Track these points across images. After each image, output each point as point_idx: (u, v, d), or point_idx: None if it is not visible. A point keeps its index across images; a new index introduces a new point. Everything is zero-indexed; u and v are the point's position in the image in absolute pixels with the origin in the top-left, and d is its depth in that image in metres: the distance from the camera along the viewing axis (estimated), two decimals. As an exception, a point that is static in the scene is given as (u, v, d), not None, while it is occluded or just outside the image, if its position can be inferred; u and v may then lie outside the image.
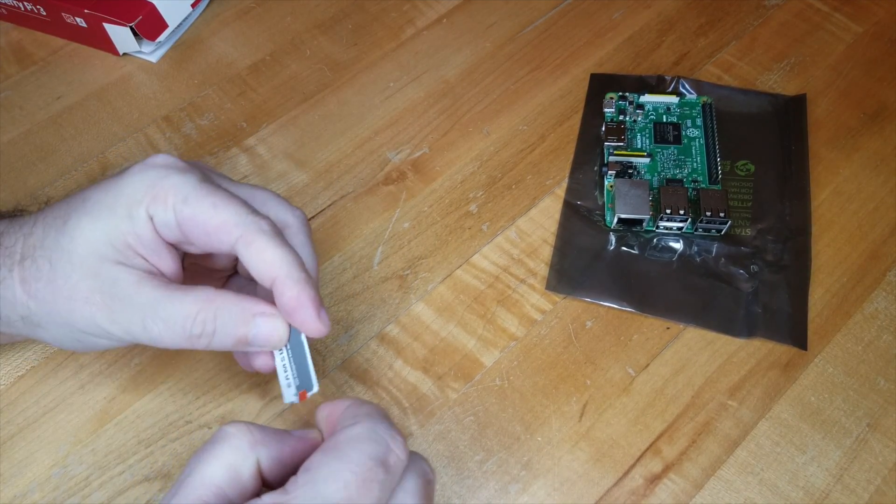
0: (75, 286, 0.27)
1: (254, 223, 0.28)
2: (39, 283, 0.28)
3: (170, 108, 0.45)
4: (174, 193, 0.27)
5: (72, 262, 0.27)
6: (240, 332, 0.28)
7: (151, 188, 0.28)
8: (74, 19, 0.46)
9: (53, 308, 0.28)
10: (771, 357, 0.37)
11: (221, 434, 0.25)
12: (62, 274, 0.27)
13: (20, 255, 0.28)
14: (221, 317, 0.27)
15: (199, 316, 0.27)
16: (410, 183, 0.42)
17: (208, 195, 0.28)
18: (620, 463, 0.34)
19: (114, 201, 0.28)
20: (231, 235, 0.27)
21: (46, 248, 0.28)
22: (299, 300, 0.27)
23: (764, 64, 0.47)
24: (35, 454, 0.34)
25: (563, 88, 0.46)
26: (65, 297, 0.27)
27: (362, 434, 0.24)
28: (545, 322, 0.38)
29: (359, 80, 0.46)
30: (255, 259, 0.27)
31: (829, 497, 0.33)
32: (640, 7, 0.50)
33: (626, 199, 0.39)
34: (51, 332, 0.29)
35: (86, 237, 0.27)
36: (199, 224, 0.28)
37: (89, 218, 0.28)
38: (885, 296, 0.39)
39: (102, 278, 0.27)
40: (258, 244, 0.27)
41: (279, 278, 0.27)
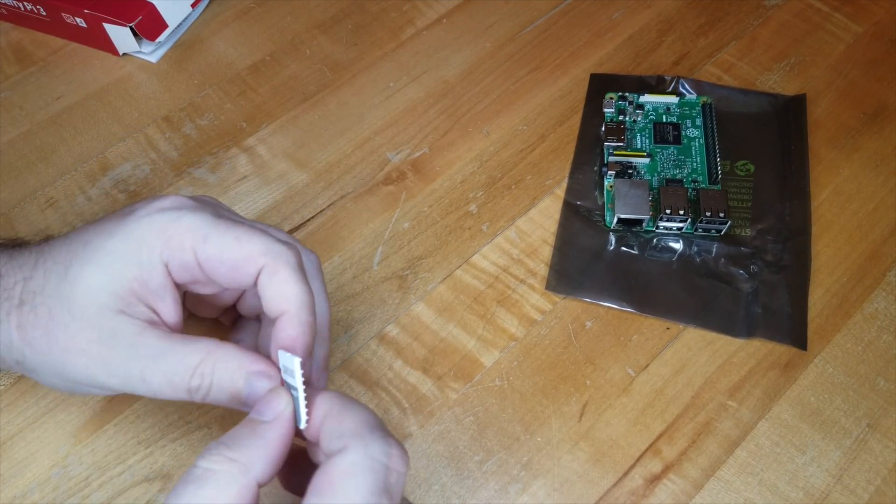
0: (73, 337, 0.26)
1: (282, 253, 0.27)
2: (36, 332, 0.27)
3: (170, 109, 0.45)
4: (191, 234, 0.27)
5: (71, 311, 0.26)
6: (234, 387, 0.26)
7: (164, 232, 0.27)
8: (74, 19, 0.46)
9: (49, 358, 0.27)
10: (771, 357, 0.37)
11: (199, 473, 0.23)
12: (60, 323, 0.27)
13: (19, 299, 0.27)
14: (219, 370, 0.26)
15: (199, 368, 0.26)
16: (410, 183, 0.42)
17: (228, 230, 0.27)
18: (620, 463, 0.34)
19: (119, 247, 0.27)
20: (257, 265, 0.27)
21: (46, 296, 0.27)
22: (294, 342, 0.27)
23: (764, 64, 0.47)
24: (35, 454, 0.34)
25: (563, 88, 0.46)
26: (61, 347, 0.27)
27: (357, 465, 0.23)
28: (545, 322, 0.38)
29: (359, 80, 0.46)
30: (274, 290, 0.27)
31: (828, 497, 0.33)
32: (640, 7, 0.50)
33: (625, 199, 0.39)
34: (45, 378, 0.28)
35: (87, 285, 0.27)
36: (224, 260, 0.27)
37: (91, 266, 0.27)
38: (885, 296, 0.39)
39: (101, 329, 0.26)
40: (283, 275, 0.27)
41: (287, 315, 0.27)
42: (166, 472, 0.33)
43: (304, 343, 0.27)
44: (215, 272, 0.27)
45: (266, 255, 0.27)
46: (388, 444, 0.23)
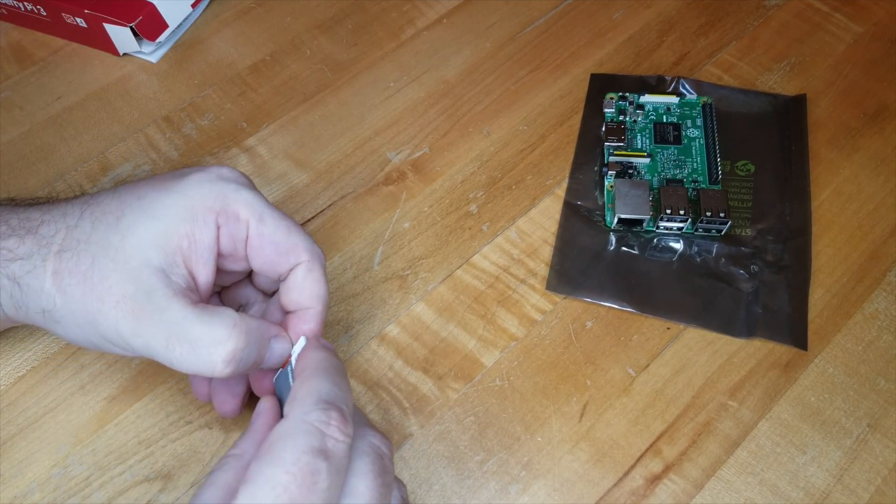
0: (110, 288, 0.27)
1: (319, 255, 0.30)
2: (74, 279, 0.27)
3: (170, 109, 0.45)
4: (248, 209, 0.29)
5: (115, 260, 0.27)
6: (260, 355, 0.28)
7: (222, 198, 0.28)
8: (74, 19, 0.46)
9: (81, 307, 0.27)
10: (771, 357, 0.37)
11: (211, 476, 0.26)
12: (100, 272, 0.27)
13: (59, 246, 0.28)
14: (250, 344, 0.27)
15: (228, 343, 0.27)
16: (410, 183, 0.42)
17: (282, 218, 0.30)
18: (620, 463, 0.34)
19: (178, 203, 0.28)
20: (299, 259, 0.29)
21: (92, 244, 0.27)
22: (313, 332, 0.30)
23: (764, 64, 0.47)
24: (35, 454, 0.34)
25: (563, 88, 0.46)
26: (96, 297, 0.27)
27: (291, 428, 0.24)
28: (545, 322, 0.38)
29: (359, 80, 0.46)
30: (307, 286, 0.30)
31: (829, 497, 0.33)
32: (640, 7, 0.50)
33: (626, 199, 0.39)
34: (69, 329, 0.28)
35: (139, 236, 0.27)
36: (274, 243, 0.29)
37: (146, 217, 0.28)
38: (886, 296, 0.39)
39: (139, 284, 0.27)
40: (316, 274, 0.30)
41: (313, 311, 0.30)
42: (167, 472, 0.33)
43: (318, 335, 0.30)
44: (259, 252, 0.29)
45: (308, 252, 0.30)
46: (328, 415, 0.24)
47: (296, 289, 0.30)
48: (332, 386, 0.25)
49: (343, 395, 0.25)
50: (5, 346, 0.36)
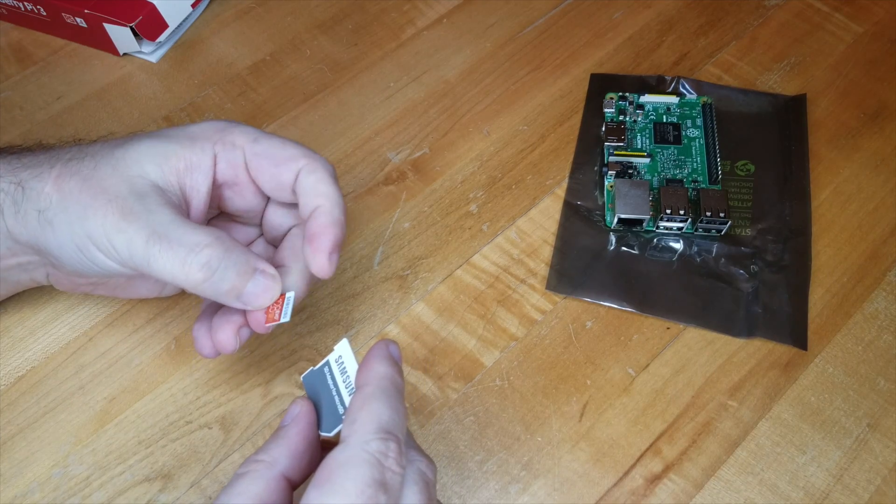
0: (106, 187, 0.28)
1: (320, 159, 0.31)
2: (73, 179, 0.28)
3: (170, 108, 0.45)
4: (243, 136, 0.30)
5: (116, 167, 0.28)
6: (239, 279, 0.28)
7: (221, 132, 0.30)
8: (74, 19, 0.46)
9: (74, 204, 0.28)
10: (771, 357, 0.37)
11: (233, 479, 0.25)
12: (100, 175, 0.28)
13: (68, 156, 0.29)
14: (228, 258, 0.28)
15: (207, 248, 0.27)
16: (410, 183, 0.42)
17: (275, 137, 0.31)
18: (620, 463, 0.34)
19: (180, 132, 0.30)
20: (298, 164, 0.30)
21: (97, 155, 0.29)
22: (325, 230, 0.29)
23: (764, 64, 0.47)
24: (35, 454, 0.34)
25: (563, 88, 0.46)
26: (91, 194, 0.28)
27: (352, 458, 0.23)
28: (545, 322, 0.38)
29: (359, 80, 0.46)
30: (312, 186, 0.30)
31: (829, 497, 0.33)
32: (640, 7, 0.50)
33: (626, 199, 0.39)
34: (58, 233, 0.28)
35: (140, 150, 0.29)
36: (270, 156, 0.30)
37: (150, 137, 0.30)
38: (885, 296, 0.39)
39: (133, 188, 0.28)
40: (320, 174, 0.30)
41: (322, 207, 0.30)
42: (167, 472, 0.33)
43: (334, 234, 0.29)
44: (260, 168, 0.30)
45: (306, 157, 0.30)
46: (386, 445, 0.24)
47: (302, 193, 0.30)
48: (393, 413, 0.25)
49: (401, 423, 0.25)
50: (5, 346, 0.36)
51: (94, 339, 0.37)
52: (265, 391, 0.36)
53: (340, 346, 0.29)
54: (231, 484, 0.25)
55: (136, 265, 0.28)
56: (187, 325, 0.37)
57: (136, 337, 0.37)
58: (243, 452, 0.34)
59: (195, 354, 0.36)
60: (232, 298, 0.28)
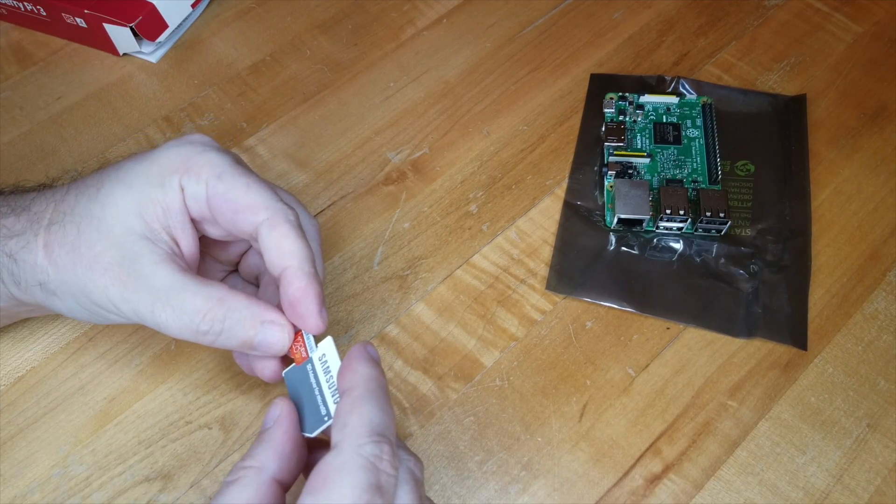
0: (98, 256, 0.28)
1: (282, 210, 0.29)
2: (63, 250, 0.28)
3: (170, 109, 0.45)
4: (209, 169, 0.29)
5: (99, 229, 0.28)
6: (247, 335, 0.28)
7: (186, 161, 0.29)
8: (74, 19, 0.46)
9: (71, 276, 0.28)
10: (771, 357, 0.37)
11: (223, 487, 0.25)
12: (87, 241, 0.28)
13: (48, 220, 0.29)
14: (231, 317, 0.28)
15: (209, 314, 0.27)
16: (410, 183, 0.42)
17: (242, 175, 0.29)
18: (620, 463, 0.34)
19: (147, 170, 0.29)
20: (258, 217, 0.28)
21: (76, 215, 0.28)
22: (305, 293, 0.28)
23: (764, 64, 0.47)
24: (35, 454, 0.34)
25: (563, 88, 0.46)
26: (85, 265, 0.28)
27: (347, 462, 0.23)
28: (545, 322, 0.38)
29: (359, 80, 0.46)
30: (275, 244, 0.28)
31: (829, 497, 0.33)
32: (640, 7, 0.50)
33: (626, 199, 0.39)
34: (65, 301, 0.29)
35: (117, 205, 0.28)
36: (229, 201, 0.28)
37: (122, 186, 0.28)
38: (885, 296, 0.39)
39: (125, 251, 0.28)
40: (282, 230, 0.28)
41: (291, 268, 0.28)
42: (166, 473, 0.33)
43: (314, 293, 0.28)
44: (219, 211, 0.29)
45: (268, 209, 0.28)
46: (379, 448, 0.24)
47: (266, 249, 0.28)
48: (382, 413, 0.25)
49: (390, 423, 0.25)
50: (5, 346, 0.36)
51: (94, 339, 0.37)
52: (265, 391, 0.36)
53: (324, 344, 0.29)
54: (221, 492, 0.25)
55: (149, 325, 0.28)
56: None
57: (136, 337, 0.37)
58: (243, 452, 0.34)
59: (195, 354, 0.36)
60: (247, 350, 0.29)
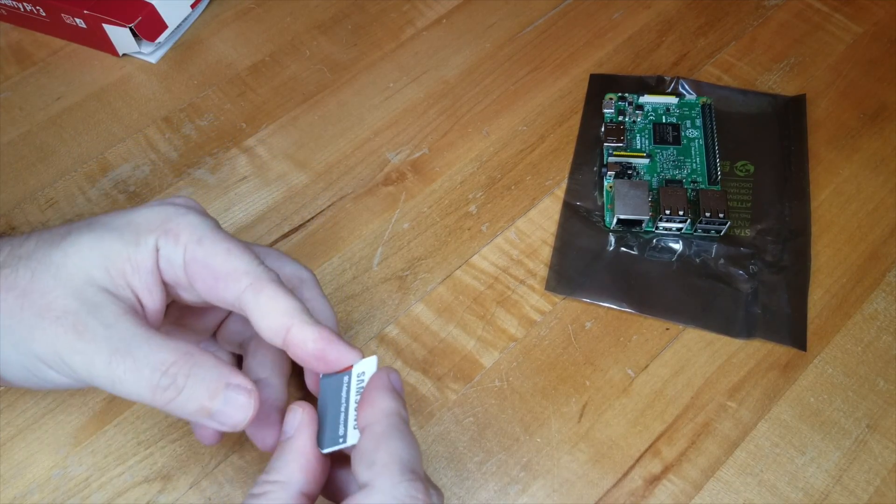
0: (51, 303, 0.25)
1: (264, 272, 0.27)
2: (11, 294, 0.26)
3: (169, 109, 0.45)
4: (189, 233, 0.27)
5: (56, 277, 0.26)
6: (208, 397, 0.25)
7: (166, 221, 0.27)
8: (74, 20, 0.46)
9: (17, 323, 0.25)
10: (770, 358, 0.37)
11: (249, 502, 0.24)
12: (40, 288, 0.25)
13: (0, 262, 0.26)
14: (196, 375, 0.25)
15: (173, 367, 0.25)
16: (410, 183, 0.42)
17: (223, 241, 0.27)
18: (620, 464, 0.34)
19: (122, 225, 0.27)
20: (240, 284, 0.26)
21: (33, 260, 0.26)
22: (327, 341, 0.26)
23: (764, 64, 0.47)
24: (35, 455, 0.34)
25: (562, 89, 0.46)
26: (35, 312, 0.25)
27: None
28: (545, 323, 0.38)
29: (359, 80, 0.46)
30: (267, 307, 0.26)
31: (828, 498, 0.33)
32: (639, 7, 0.50)
33: (625, 199, 0.39)
34: (2, 353, 0.26)
35: (82, 254, 0.26)
36: (209, 267, 0.27)
37: (91, 237, 0.27)
38: (885, 296, 0.39)
39: (83, 300, 0.25)
40: (269, 291, 0.26)
41: (295, 325, 0.26)
42: (166, 473, 0.33)
43: (332, 336, 0.26)
44: (198, 277, 0.27)
45: (248, 275, 0.27)
46: (415, 489, 0.23)
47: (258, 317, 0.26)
48: (410, 448, 0.24)
49: (419, 457, 0.24)
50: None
51: (93, 339, 0.37)
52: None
53: (368, 361, 0.27)
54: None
55: (97, 385, 0.25)
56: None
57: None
58: (242, 454, 0.34)
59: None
60: (203, 418, 0.25)
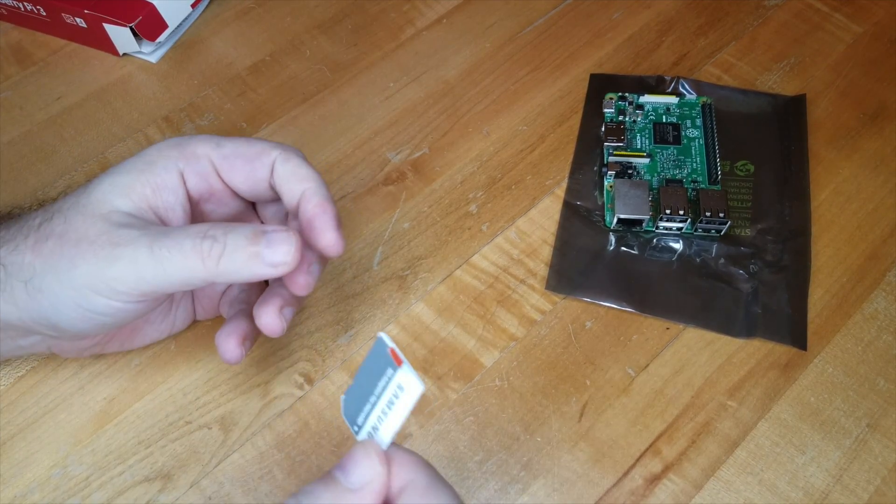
0: (85, 233, 0.27)
1: (291, 148, 0.31)
2: (49, 241, 0.28)
3: (170, 109, 0.45)
4: (205, 145, 0.30)
5: (84, 213, 0.28)
6: (252, 246, 0.27)
7: (179, 146, 0.30)
8: (74, 20, 0.46)
9: (59, 260, 0.27)
10: (770, 357, 0.37)
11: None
12: (73, 226, 0.28)
13: (38, 222, 0.29)
14: (233, 230, 0.27)
15: (210, 230, 0.27)
16: (410, 183, 0.42)
17: (237, 138, 0.31)
18: (620, 463, 0.34)
19: (137, 161, 0.30)
20: (271, 156, 0.30)
21: (65, 210, 0.29)
22: (323, 208, 0.29)
23: (764, 64, 0.47)
24: (35, 455, 0.34)
25: (562, 89, 0.46)
26: (72, 245, 0.27)
27: None
28: (545, 322, 0.38)
29: (359, 80, 0.46)
30: (291, 172, 0.30)
31: (828, 497, 0.33)
32: (639, 7, 0.50)
33: (625, 199, 0.39)
34: (51, 296, 0.28)
35: (103, 190, 0.29)
36: (239, 154, 0.30)
37: (111, 175, 0.29)
38: (885, 296, 0.39)
39: (112, 221, 0.28)
40: (296, 160, 0.30)
41: (309, 189, 0.30)
42: (166, 473, 0.33)
43: (331, 210, 0.30)
44: (233, 168, 0.30)
45: (276, 147, 0.30)
46: None
47: (283, 182, 0.30)
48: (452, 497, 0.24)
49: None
50: (5, 347, 0.36)
51: (93, 339, 0.37)
52: (265, 391, 0.36)
53: (413, 383, 0.24)
54: None
55: (147, 283, 0.27)
56: (189, 333, 0.37)
57: (136, 337, 0.37)
58: (243, 453, 0.34)
59: (195, 354, 0.36)
60: (257, 265, 0.27)
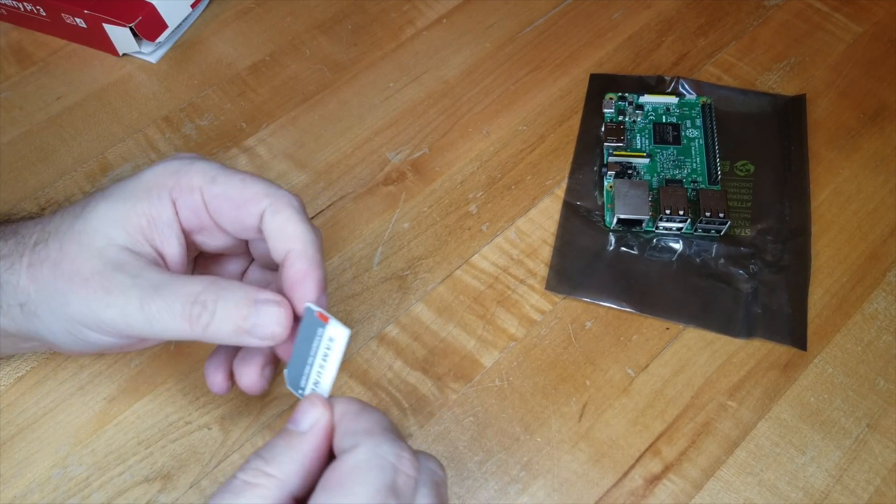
0: (79, 268, 0.27)
1: (285, 195, 0.29)
2: (44, 266, 0.28)
3: (169, 109, 0.45)
4: (201, 176, 0.29)
5: (80, 242, 0.27)
6: (241, 315, 0.27)
7: (176, 174, 0.29)
8: (74, 20, 0.46)
9: (52, 292, 0.27)
10: (770, 357, 0.37)
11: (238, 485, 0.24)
12: (69, 256, 0.27)
13: (34, 240, 0.29)
14: (224, 297, 0.27)
15: (201, 295, 0.26)
16: (410, 183, 0.42)
17: (235, 174, 0.29)
18: (620, 463, 0.34)
19: (134, 187, 0.29)
20: (260, 205, 0.28)
21: (60, 234, 0.28)
22: (305, 275, 0.28)
23: (764, 64, 0.47)
24: (35, 455, 0.34)
25: (562, 89, 0.46)
26: (66, 279, 0.27)
27: (365, 462, 0.23)
28: (545, 322, 0.38)
29: (359, 80, 0.46)
30: (279, 228, 0.28)
31: (828, 497, 0.33)
32: (639, 7, 0.50)
33: (625, 199, 0.39)
34: (45, 321, 0.28)
35: (99, 218, 0.28)
36: (229, 198, 0.29)
37: (106, 202, 0.28)
38: (885, 296, 0.39)
39: (107, 261, 0.27)
40: (286, 213, 0.28)
41: (294, 251, 0.28)
42: (166, 473, 0.33)
43: (315, 277, 0.28)
44: (220, 211, 0.29)
45: (268, 196, 0.29)
46: (399, 446, 0.24)
47: (270, 236, 0.28)
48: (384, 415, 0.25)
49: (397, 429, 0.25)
50: (5, 347, 0.36)
51: (93, 339, 0.37)
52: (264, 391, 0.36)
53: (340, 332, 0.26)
54: (235, 490, 0.24)
55: (135, 332, 0.27)
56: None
57: (136, 337, 0.37)
58: (243, 453, 0.34)
59: (195, 354, 0.36)
60: (243, 336, 0.27)
